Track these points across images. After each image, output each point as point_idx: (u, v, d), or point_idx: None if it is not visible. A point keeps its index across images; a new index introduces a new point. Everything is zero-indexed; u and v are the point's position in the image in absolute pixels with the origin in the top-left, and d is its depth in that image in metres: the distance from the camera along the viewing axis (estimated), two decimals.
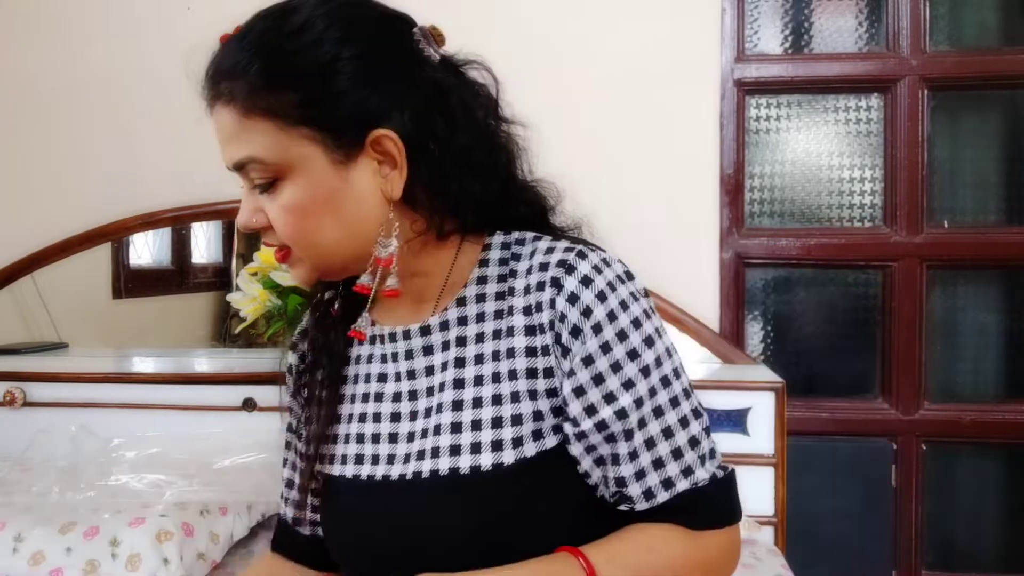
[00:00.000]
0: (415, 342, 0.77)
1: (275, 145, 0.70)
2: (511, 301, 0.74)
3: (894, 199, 1.95)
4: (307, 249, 0.73)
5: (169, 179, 2.09)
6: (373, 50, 0.72)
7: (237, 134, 0.72)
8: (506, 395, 0.72)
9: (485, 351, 0.74)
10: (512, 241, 0.78)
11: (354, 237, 0.73)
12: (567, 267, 0.72)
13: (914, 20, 1.91)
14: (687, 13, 1.93)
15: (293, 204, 0.71)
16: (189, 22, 2.06)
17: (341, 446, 0.81)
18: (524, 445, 0.71)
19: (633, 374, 0.71)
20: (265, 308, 1.94)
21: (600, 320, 0.70)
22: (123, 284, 2.26)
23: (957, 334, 1.99)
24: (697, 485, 0.72)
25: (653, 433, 0.72)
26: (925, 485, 1.95)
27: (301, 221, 0.71)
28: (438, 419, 0.74)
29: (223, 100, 0.72)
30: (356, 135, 0.70)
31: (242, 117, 0.71)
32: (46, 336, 2.19)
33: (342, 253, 0.74)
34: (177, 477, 1.61)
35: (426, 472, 0.73)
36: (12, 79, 2.16)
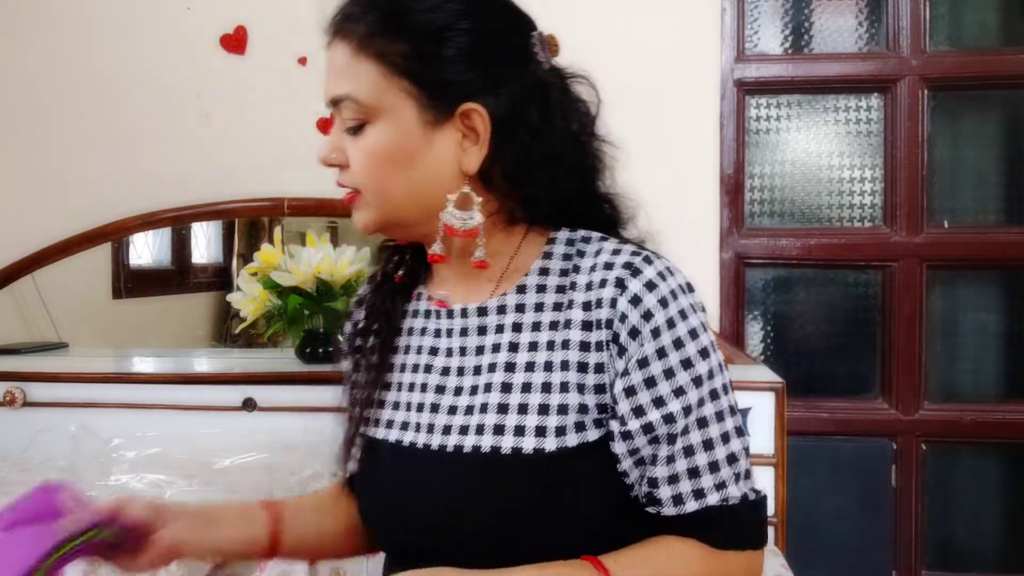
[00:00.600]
0: (470, 321, 0.79)
1: (374, 88, 0.74)
2: (571, 295, 0.75)
3: (894, 199, 1.95)
4: (376, 196, 0.76)
5: (169, 179, 2.09)
6: (487, 31, 0.76)
7: (344, 70, 0.76)
8: (555, 384, 0.74)
9: (540, 339, 0.76)
10: (578, 238, 0.80)
11: (421, 197, 0.76)
12: (632, 269, 0.73)
13: (914, 20, 1.91)
14: (687, 13, 1.93)
15: (374, 148, 0.75)
16: (189, 22, 2.07)
17: (388, 411, 0.83)
18: (566, 435, 0.72)
19: (685, 382, 0.72)
20: (265, 308, 1.94)
21: (659, 325, 0.72)
22: (123, 284, 2.26)
23: (957, 334, 1.99)
24: (728, 502, 0.73)
25: (694, 442, 0.73)
26: (925, 485, 1.95)
27: (377, 167, 0.75)
28: (485, 398, 0.76)
29: (341, 35, 0.77)
30: (449, 102, 0.74)
31: (353, 54, 0.75)
32: (46, 336, 2.19)
33: (407, 210, 0.77)
34: (177, 477, 1.61)
35: (467, 447, 0.74)
36: (12, 79, 2.16)
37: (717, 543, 0.73)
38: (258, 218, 2.20)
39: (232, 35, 2.04)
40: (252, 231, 2.27)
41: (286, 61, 2.03)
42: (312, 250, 1.90)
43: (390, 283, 0.87)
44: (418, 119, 0.74)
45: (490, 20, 0.77)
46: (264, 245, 1.97)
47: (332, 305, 1.89)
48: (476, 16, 0.75)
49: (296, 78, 2.03)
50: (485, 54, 0.75)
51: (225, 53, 2.05)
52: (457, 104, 0.74)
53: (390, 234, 0.83)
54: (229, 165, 2.08)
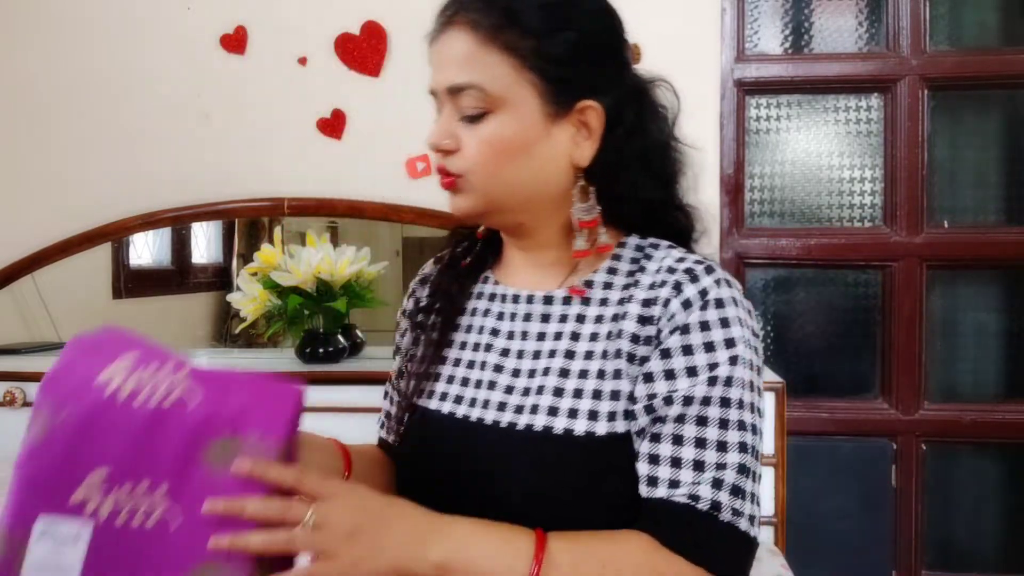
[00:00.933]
0: (535, 307, 0.84)
1: (502, 79, 0.76)
2: (633, 292, 0.79)
3: (894, 199, 1.95)
4: (487, 181, 0.78)
5: (169, 179, 2.09)
6: (606, 34, 0.81)
7: (468, 59, 0.77)
8: (609, 371, 0.77)
9: (601, 331, 0.79)
10: (647, 245, 0.84)
11: (531, 187, 0.79)
12: (692, 276, 0.77)
13: (914, 20, 1.91)
14: (687, 13, 1.93)
15: (495, 138, 0.77)
16: (189, 22, 2.07)
17: (442, 384, 0.86)
18: (616, 421, 0.75)
19: (702, 380, 0.73)
20: (265, 308, 1.94)
21: (696, 324, 0.75)
22: (123, 284, 2.26)
23: (957, 334, 1.99)
24: (696, 503, 0.70)
25: (685, 434, 0.72)
26: (925, 485, 1.95)
27: (496, 155, 0.77)
28: (543, 381, 0.79)
29: (463, 24, 0.77)
30: (570, 98, 0.78)
31: (480, 45, 0.76)
32: (46, 336, 2.19)
33: (512, 198, 0.80)
34: None
35: (521, 425, 0.77)
36: (12, 79, 2.16)
37: (667, 541, 0.70)
38: (258, 218, 2.20)
39: (232, 35, 2.04)
40: (252, 231, 2.27)
41: (286, 61, 2.03)
42: (312, 250, 1.90)
43: (457, 266, 0.91)
44: (540, 112, 0.77)
45: (607, 23, 0.82)
46: (264, 245, 1.97)
47: (332, 305, 1.89)
48: (596, 19, 0.81)
49: (296, 78, 2.03)
50: (601, 55, 0.80)
51: (225, 53, 2.05)
52: (576, 100, 0.78)
53: (482, 220, 0.85)
54: (229, 165, 2.08)
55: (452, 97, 0.78)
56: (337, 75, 2.01)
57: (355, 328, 2.06)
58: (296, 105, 2.04)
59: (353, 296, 1.93)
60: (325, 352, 1.94)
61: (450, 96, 0.78)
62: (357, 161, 2.03)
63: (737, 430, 0.72)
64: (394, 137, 1.99)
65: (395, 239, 2.20)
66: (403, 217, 2.00)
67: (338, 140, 2.03)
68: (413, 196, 1.99)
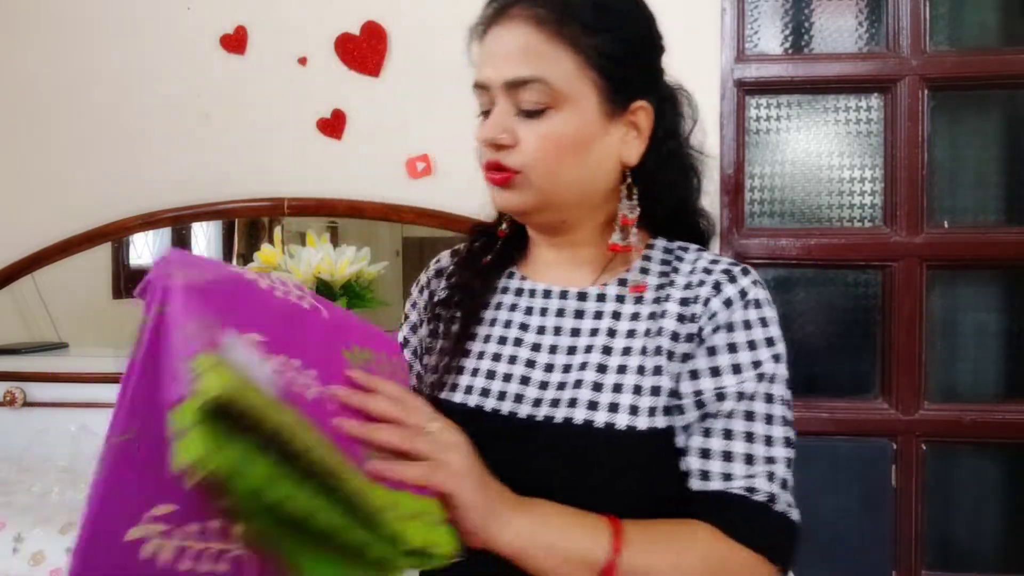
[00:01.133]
0: (569, 303, 0.84)
1: (566, 75, 0.76)
2: (669, 291, 0.81)
3: (894, 199, 1.95)
4: (543, 179, 0.78)
5: (169, 179, 2.10)
6: (652, 35, 0.83)
7: (533, 53, 0.76)
8: (648, 368, 0.78)
9: (638, 328, 0.80)
10: (675, 247, 0.86)
11: (585, 184, 0.80)
12: (730, 276, 0.80)
13: (914, 20, 1.91)
14: (687, 13, 1.93)
15: (556, 134, 0.77)
16: (189, 22, 2.07)
17: (466, 377, 0.85)
18: (656, 416, 0.76)
19: (749, 376, 0.76)
20: None
21: (738, 322, 0.78)
22: (123, 284, 2.26)
23: (957, 334, 1.99)
24: (752, 495, 0.74)
25: (735, 428, 0.76)
26: (925, 485, 1.95)
27: (557, 152, 0.77)
28: (579, 375, 0.79)
29: (523, 17, 0.76)
30: (627, 97, 0.79)
31: (546, 39, 0.76)
32: (46, 336, 2.19)
33: (566, 195, 0.80)
34: None
35: (559, 418, 0.77)
36: (12, 79, 2.16)
37: (729, 530, 0.73)
38: (258, 218, 2.20)
39: (232, 35, 2.04)
40: (252, 231, 2.27)
41: (286, 61, 2.03)
42: (312, 250, 1.90)
43: (478, 262, 0.91)
44: (599, 110, 0.78)
45: (652, 25, 0.83)
46: (264, 245, 1.98)
47: None
48: (644, 20, 0.82)
49: (296, 78, 2.03)
50: (650, 56, 0.83)
51: (225, 53, 2.05)
52: (632, 100, 0.79)
53: (527, 218, 0.83)
54: (229, 165, 2.08)
55: (510, 91, 0.77)
56: (337, 75, 2.01)
57: None
58: (296, 105, 2.04)
59: (353, 296, 1.93)
60: None
61: (508, 90, 0.77)
62: (357, 161, 2.03)
63: (781, 425, 0.77)
64: (394, 137, 1.99)
65: (395, 239, 2.20)
66: (403, 217, 2.00)
67: (338, 140, 2.03)
68: (413, 196, 1.99)
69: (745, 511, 0.74)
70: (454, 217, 1.96)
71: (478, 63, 0.81)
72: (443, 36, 1.94)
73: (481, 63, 0.80)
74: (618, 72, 0.78)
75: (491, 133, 0.78)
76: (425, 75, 1.97)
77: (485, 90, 0.79)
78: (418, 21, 1.96)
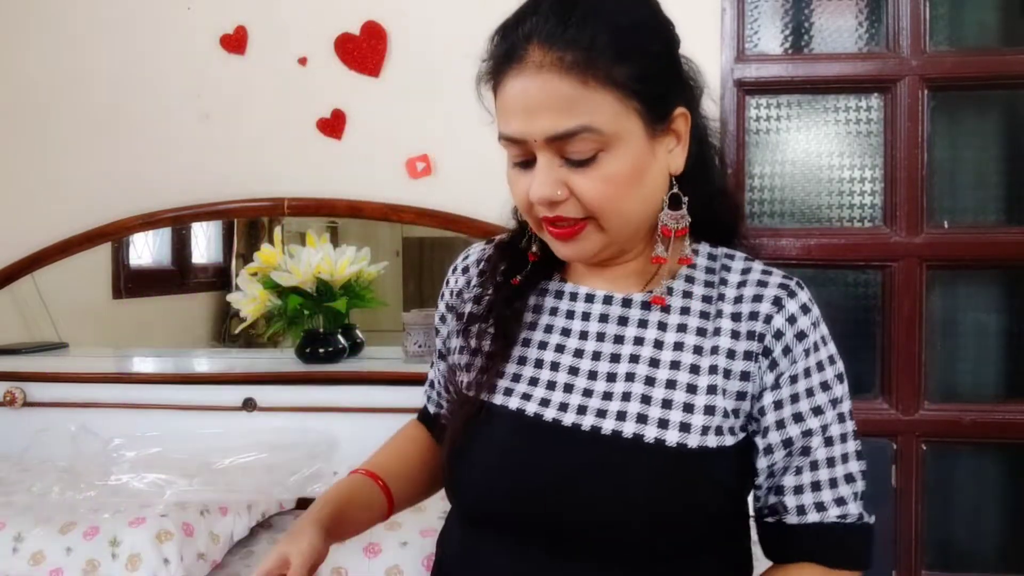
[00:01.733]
0: (614, 310, 0.82)
1: (613, 116, 0.72)
2: (720, 305, 0.79)
3: (894, 199, 1.95)
4: (615, 219, 0.75)
5: (169, 179, 2.09)
6: (673, 39, 0.80)
7: (570, 103, 0.71)
8: (702, 387, 0.76)
9: (687, 341, 0.78)
10: (720, 254, 0.84)
11: (647, 207, 0.78)
12: (789, 291, 0.79)
13: (914, 20, 1.91)
14: (687, 13, 1.92)
15: (615, 175, 0.73)
16: (189, 22, 2.07)
17: (507, 381, 0.83)
18: (708, 435, 0.75)
19: (823, 402, 0.79)
20: (265, 308, 1.94)
21: (809, 347, 0.78)
22: (123, 284, 2.26)
23: (957, 334, 1.99)
24: (845, 519, 0.78)
25: (819, 458, 0.78)
26: (925, 485, 1.95)
27: (618, 191, 0.74)
28: (626, 387, 0.78)
29: (550, 66, 0.71)
30: (666, 112, 0.76)
31: (579, 84, 0.70)
32: (46, 336, 2.19)
33: (637, 224, 0.78)
34: (177, 477, 1.61)
35: (606, 430, 0.76)
36: (12, 79, 2.16)
37: (832, 561, 0.77)
38: (258, 218, 2.20)
39: (232, 35, 2.04)
40: (252, 231, 2.27)
41: (286, 61, 2.03)
42: (312, 250, 1.90)
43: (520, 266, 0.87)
44: (644, 135, 0.74)
45: (670, 29, 0.80)
46: (264, 245, 1.98)
47: (332, 305, 1.89)
48: (662, 28, 0.79)
49: (296, 78, 2.03)
50: (675, 61, 0.80)
51: (225, 53, 2.05)
52: (671, 111, 0.77)
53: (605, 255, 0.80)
54: (229, 165, 2.08)
55: (554, 144, 0.72)
56: (337, 75, 2.01)
57: (355, 328, 2.06)
58: (296, 105, 2.04)
59: (353, 296, 1.94)
60: (325, 352, 1.94)
61: (551, 144, 0.72)
62: (357, 161, 2.03)
63: (853, 440, 0.80)
64: (394, 137, 1.99)
65: (395, 239, 2.20)
66: (403, 217, 2.00)
67: (338, 140, 2.03)
68: (413, 196, 1.99)
69: (842, 538, 0.78)
70: (454, 217, 1.96)
71: (503, 114, 0.75)
72: (443, 36, 1.94)
73: (508, 116, 0.74)
74: (655, 91, 0.74)
75: (546, 192, 0.73)
76: (425, 75, 1.97)
77: (519, 143, 0.74)
78: (418, 21, 1.96)
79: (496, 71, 0.76)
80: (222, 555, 1.50)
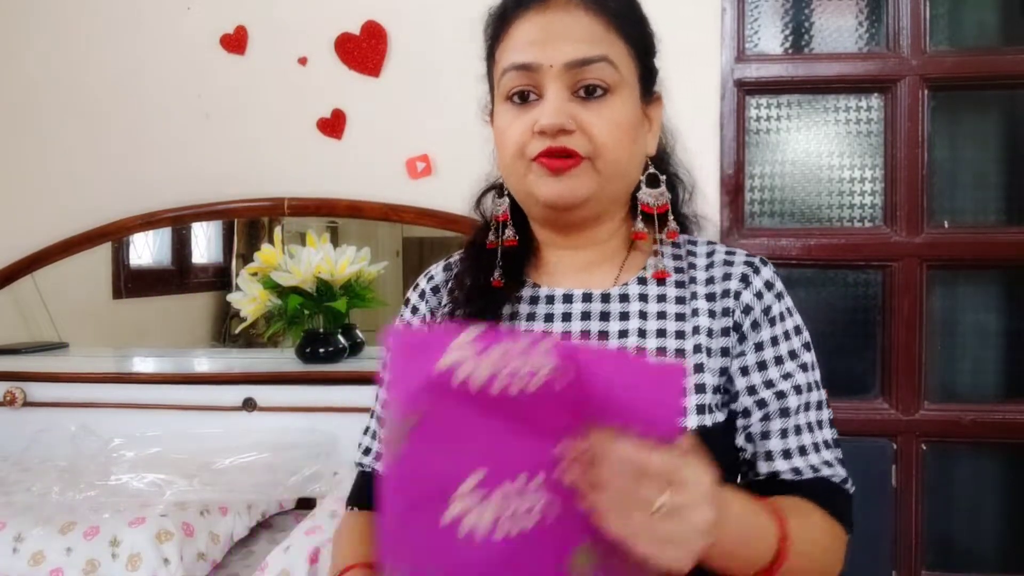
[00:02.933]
0: (594, 307, 0.83)
1: (622, 60, 0.78)
2: (693, 288, 0.82)
3: (894, 199, 1.95)
4: (611, 164, 0.77)
5: (169, 179, 2.09)
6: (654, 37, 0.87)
7: (596, 37, 0.77)
8: (690, 367, 0.79)
9: (668, 327, 0.80)
10: (683, 241, 0.87)
11: (631, 170, 0.81)
12: (754, 268, 0.83)
13: (914, 20, 1.91)
14: (687, 13, 1.93)
15: (621, 119, 0.77)
16: (189, 22, 2.07)
17: None
18: (704, 415, 0.77)
19: (792, 368, 0.81)
20: (265, 308, 1.94)
21: (775, 316, 0.82)
22: (123, 284, 2.26)
23: (957, 334, 1.99)
24: (834, 479, 0.81)
25: (801, 423, 0.80)
26: (925, 485, 1.95)
27: (621, 135, 0.77)
28: None
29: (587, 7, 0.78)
30: (652, 85, 0.84)
31: (605, 28, 0.78)
32: (46, 336, 2.19)
33: (622, 182, 0.81)
34: (177, 477, 1.61)
35: None
36: (12, 79, 2.16)
37: (831, 510, 0.79)
38: (258, 218, 2.20)
39: (232, 35, 2.04)
40: (252, 231, 2.27)
41: (286, 61, 2.03)
42: (312, 250, 1.90)
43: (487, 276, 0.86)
44: (640, 97, 0.81)
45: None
46: (264, 245, 1.98)
47: (332, 305, 1.89)
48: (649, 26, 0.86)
49: (296, 78, 2.03)
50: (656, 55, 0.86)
51: (225, 53, 2.05)
52: (654, 89, 0.84)
53: (581, 210, 0.79)
54: (229, 165, 2.08)
55: (569, 72, 0.75)
56: (337, 75, 2.01)
57: (355, 328, 2.06)
58: (296, 105, 2.04)
59: (353, 296, 1.94)
60: (325, 352, 1.94)
61: (567, 71, 0.75)
62: (357, 161, 2.03)
63: (825, 408, 0.84)
64: (394, 137, 1.99)
65: (395, 239, 2.20)
66: (403, 217, 2.00)
67: (338, 140, 2.03)
68: (413, 196, 1.99)
69: (834, 493, 0.81)
70: (454, 217, 1.96)
71: (515, 46, 0.77)
72: (443, 36, 1.94)
73: (523, 46, 0.77)
74: (648, 63, 0.82)
75: (556, 118, 0.74)
76: (425, 75, 1.97)
77: (530, 72, 0.76)
78: (418, 21, 1.96)
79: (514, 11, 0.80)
80: (222, 555, 1.50)
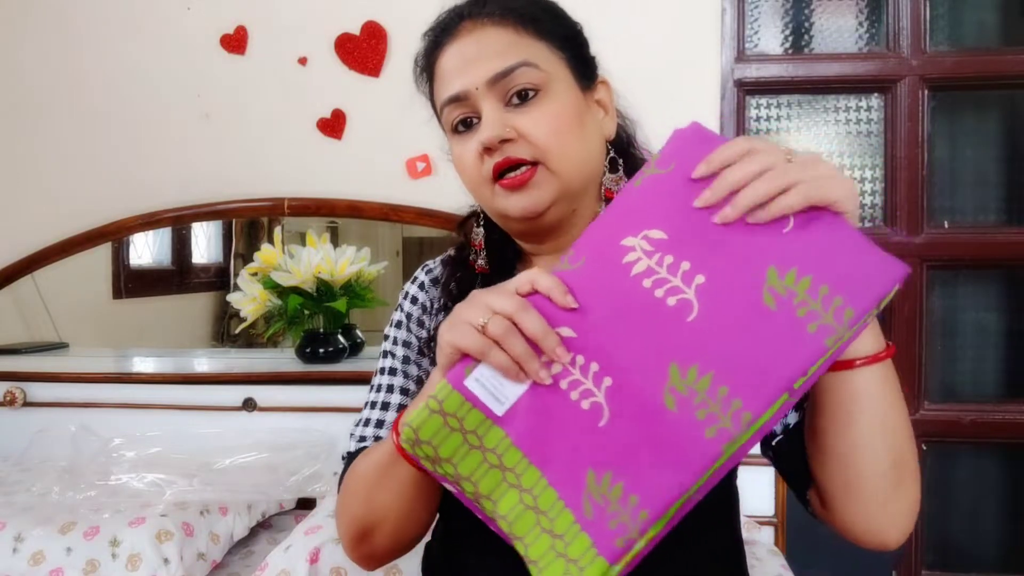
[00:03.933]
0: None
1: (546, 59, 0.79)
2: None
3: (894, 199, 1.95)
4: (562, 161, 0.78)
5: (169, 179, 2.10)
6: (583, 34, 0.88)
7: (508, 47, 0.78)
8: None
9: None
10: None
11: (590, 162, 0.81)
12: None
13: (914, 20, 1.91)
14: (687, 13, 1.93)
15: (554, 113, 0.78)
16: (189, 22, 2.07)
17: None
18: None
19: None
20: (265, 308, 1.94)
21: None
22: (123, 284, 2.26)
23: (957, 334, 1.99)
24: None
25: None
26: (925, 485, 1.95)
27: (560, 127, 0.78)
28: None
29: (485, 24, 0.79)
30: (591, 75, 0.84)
31: (515, 33, 0.79)
32: (46, 336, 2.19)
33: (580, 176, 0.80)
34: (177, 477, 1.61)
35: None
36: (12, 79, 2.16)
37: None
38: (258, 218, 2.20)
39: (232, 35, 2.04)
40: (252, 231, 2.27)
41: (286, 61, 2.03)
42: (312, 250, 1.90)
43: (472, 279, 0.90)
44: (578, 86, 0.81)
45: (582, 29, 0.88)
46: (264, 245, 1.98)
47: (332, 305, 1.89)
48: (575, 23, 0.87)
49: (296, 78, 2.03)
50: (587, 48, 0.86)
51: (225, 53, 2.05)
52: (595, 76, 0.84)
53: (548, 215, 0.80)
54: (229, 165, 2.08)
55: (496, 85, 0.77)
56: (337, 75, 2.01)
57: (355, 328, 2.06)
58: (296, 105, 2.04)
59: (353, 296, 1.93)
60: (325, 352, 1.94)
61: (493, 85, 0.77)
62: (357, 161, 2.03)
63: None
64: (394, 137, 1.99)
65: (395, 239, 2.19)
66: (403, 217, 2.00)
67: (338, 140, 2.03)
68: (413, 196, 1.99)
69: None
70: (454, 217, 1.95)
71: (442, 82, 0.81)
72: None
73: (448, 79, 0.80)
74: (577, 52, 0.83)
75: (494, 131, 0.76)
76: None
77: (462, 101, 0.79)
78: (418, 21, 1.95)
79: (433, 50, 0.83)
80: (222, 555, 1.50)
